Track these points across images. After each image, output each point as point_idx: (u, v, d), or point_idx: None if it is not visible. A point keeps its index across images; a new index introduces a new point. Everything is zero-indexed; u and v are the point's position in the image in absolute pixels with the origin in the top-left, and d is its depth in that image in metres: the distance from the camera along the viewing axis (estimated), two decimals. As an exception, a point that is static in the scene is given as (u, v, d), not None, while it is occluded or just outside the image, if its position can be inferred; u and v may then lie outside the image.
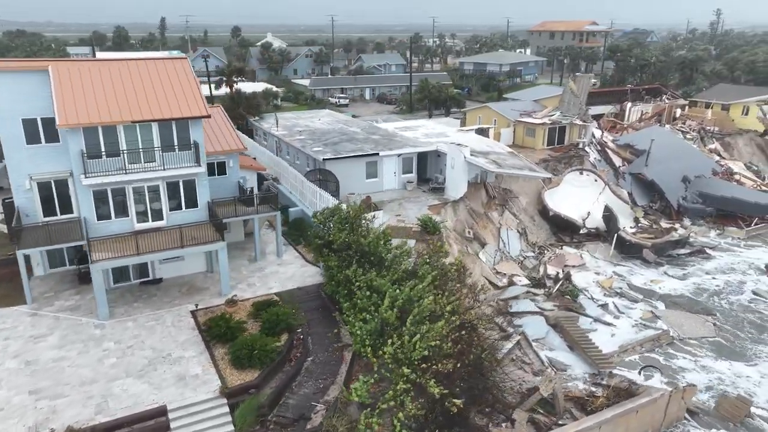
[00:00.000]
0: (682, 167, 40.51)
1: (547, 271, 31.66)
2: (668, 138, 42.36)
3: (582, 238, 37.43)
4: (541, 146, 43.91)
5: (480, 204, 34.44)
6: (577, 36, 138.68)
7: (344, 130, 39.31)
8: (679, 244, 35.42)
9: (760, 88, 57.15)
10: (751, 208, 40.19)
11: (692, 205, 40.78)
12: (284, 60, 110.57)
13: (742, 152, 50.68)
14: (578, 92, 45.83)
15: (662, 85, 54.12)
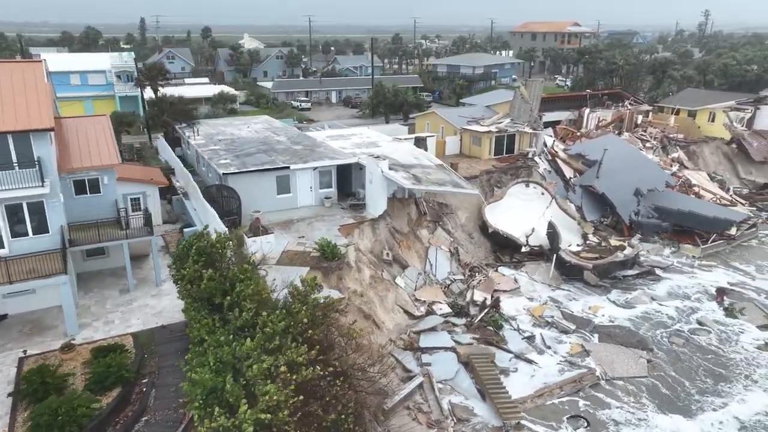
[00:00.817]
0: (634, 179, 37.80)
1: (473, 297, 28.83)
2: (622, 148, 39.68)
3: (523, 257, 34.65)
4: (487, 156, 41.12)
5: (406, 222, 31.56)
6: (559, 37, 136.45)
7: (269, 140, 36.39)
8: (626, 264, 32.66)
9: (728, 93, 54.64)
10: (710, 224, 37.52)
11: (647, 220, 38.07)
12: (253, 61, 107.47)
13: (708, 161, 48.08)
14: (529, 98, 43.11)
15: (624, 90, 51.50)
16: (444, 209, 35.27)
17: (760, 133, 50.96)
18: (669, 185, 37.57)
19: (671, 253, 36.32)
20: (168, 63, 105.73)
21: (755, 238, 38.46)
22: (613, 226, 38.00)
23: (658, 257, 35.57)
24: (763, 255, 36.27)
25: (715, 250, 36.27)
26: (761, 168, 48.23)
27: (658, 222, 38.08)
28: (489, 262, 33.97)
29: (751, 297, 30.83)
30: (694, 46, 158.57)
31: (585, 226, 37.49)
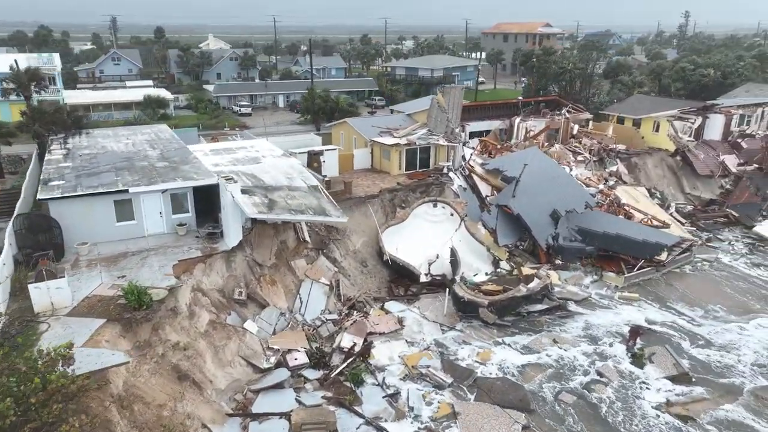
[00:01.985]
0: (553, 199, 34.13)
1: (340, 343, 24.94)
2: (544, 163, 36.03)
3: (421, 289, 30.86)
4: (397, 171, 37.33)
5: (274, 252, 27.61)
6: (530, 38, 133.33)
7: (137, 155, 32.32)
8: (531, 299, 28.93)
9: (675, 101, 51.26)
10: (638, 248, 33.91)
11: (569, 243, 34.41)
12: (204, 63, 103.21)
13: (651, 175, 44.60)
14: (447, 107, 39.39)
15: (561, 97, 47.95)
16: (333, 234, 31.40)
17: (710, 144, 47.67)
18: (588, 206, 33.94)
19: (592, 282, 32.64)
20: (113, 65, 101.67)
21: (689, 264, 34.92)
22: (530, 252, 34.30)
23: (576, 287, 31.88)
24: (695, 284, 32.69)
25: (641, 279, 32.64)
26: (708, 182, 44.85)
27: (582, 246, 34.43)
28: (380, 296, 30.13)
29: (671, 337, 27.23)
30: (672, 48, 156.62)
31: (498, 251, 33.77)
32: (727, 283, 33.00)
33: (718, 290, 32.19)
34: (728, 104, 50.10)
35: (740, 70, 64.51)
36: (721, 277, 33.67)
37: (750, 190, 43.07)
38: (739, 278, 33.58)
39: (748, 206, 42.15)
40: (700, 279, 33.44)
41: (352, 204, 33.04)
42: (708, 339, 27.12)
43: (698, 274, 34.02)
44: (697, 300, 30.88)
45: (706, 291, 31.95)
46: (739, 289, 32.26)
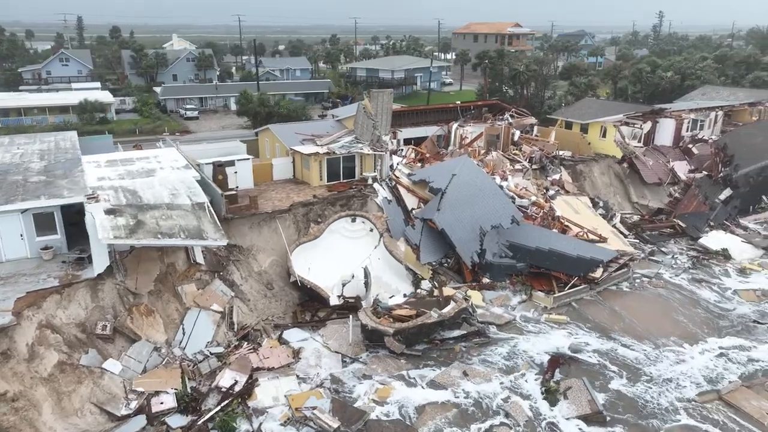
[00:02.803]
0: (479, 213, 31.78)
1: (220, 382, 22.26)
2: (473, 173, 33.69)
3: (330, 314, 28.31)
4: (318, 182, 34.71)
5: (154, 277, 24.81)
6: (499, 38, 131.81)
7: (18, 167, 29.28)
8: (445, 324, 26.50)
9: (625, 105, 49.32)
10: (572, 265, 31.70)
11: (499, 260, 32.09)
12: (158, 64, 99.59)
13: (597, 183, 42.56)
14: (375, 112, 36.91)
15: (501, 101, 45.73)
16: (234, 254, 28.70)
17: (660, 150, 45.82)
18: (515, 221, 31.65)
19: (520, 303, 30.32)
20: (62, 65, 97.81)
21: (627, 281, 32.81)
22: (456, 270, 31.93)
23: (501, 309, 29.55)
24: (630, 304, 30.53)
25: (573, 299, 30.41)
26: (656, 191, 42.93)
27: (512, 262, 32.12)
28: (282, 323, 27.50)
29: (596, 366, 24.98)
30: (644, 48, 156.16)
31: (422, 269, 31.32)
32: (665, 303, 30.88)
33: (655, 311, 30.09)
34: (679, 108, 48.36)
35: (698, 72, 63.09)
36: (659, 296, 31.56)
37: (698, 199, 41.23)
38: (678, 296, 31.50)
39: (696, 216, 40.29)
40: (636, 298, 31.30)
41: (261, 220, 30.36)
42: (638, 369, 24.87)
43: (635, 292, 31.87)
44: (631, 322, 28.68)
45: (642, 312, 29.81)
46: (678, 310, 30.15)
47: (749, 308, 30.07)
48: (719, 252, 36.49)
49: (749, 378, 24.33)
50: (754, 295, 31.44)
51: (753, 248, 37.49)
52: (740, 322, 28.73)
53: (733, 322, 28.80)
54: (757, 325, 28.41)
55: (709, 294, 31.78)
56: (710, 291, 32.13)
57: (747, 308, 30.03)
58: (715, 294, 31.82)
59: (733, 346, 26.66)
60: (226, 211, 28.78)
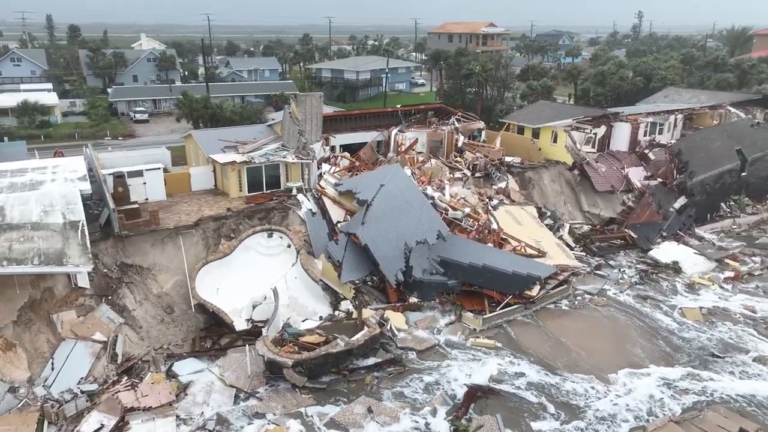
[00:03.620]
0: (404, 227, 29.53)
1: (82, 427, 19.76)
2: (403, 183, 31.45)
3: (236, 340, 25.90)
4: (237, 193, 32.24)
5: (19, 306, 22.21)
6: (473, 38, 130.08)
7: None
8: (354, 353, 24.20)
9: (580, 108, 47.39)
10: (507, 282, 29.57)
11: (429, 277, 29.86)
12: (116, 64, 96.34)
13: (547, 191, 40.51)
14: (304, 117, 34.56)
15: (445, 105, 43.55)
16: (129, 275, 26.17)
17: (616, 155, 43.93)
18: (441, 236, 29.41)
19: (447, 325, 28.10)
20: (13, 66, 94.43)
21: (567, 298, 30.73)
22: (381, 289, 29.63)
23: (426, 332, 27.31)
24: (567, 325, 28.40)
25: (505, 320, 28.27)
26: (609, 199, 40.99)
27: (443, 280, 29.92)
28: (179, 352, 25.04)
29: (518, 400, 22.81)
30: (620, 48, 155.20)
31: (344, 289, 29.03)
32: (606, 323, 28.84)
33: (594, 333, 27.99)
34: (636, 112, 46.54)
35: (663, 73, 61.45)
36: (600, 315, 29.51)
37: (652, 208, 39.35)
38: (622, 316, 29.45)
39: (648, 226, 38.39)
40: (575, 318, 29.20)
41: (165, 236, 27.83)
42: (567, 403, 22.71)
43: (575, 311, 29.74)
44: (566, 347, 26.55)
45: (580, 334, 27.70)
46: (620, 332, 28.11)
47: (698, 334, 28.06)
48: (669, 265, 34.60)
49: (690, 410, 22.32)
50: (700, 313, 29.50)
51: (705, 261, 35.63)
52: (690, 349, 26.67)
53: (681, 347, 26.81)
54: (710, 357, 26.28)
55: (656, 313, 29.82)
56: (656, 309, 30.18)
57: (695, 333, 28.01)
58: (661, 313, 29.87)
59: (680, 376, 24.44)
60: (121, 228, 26.25)
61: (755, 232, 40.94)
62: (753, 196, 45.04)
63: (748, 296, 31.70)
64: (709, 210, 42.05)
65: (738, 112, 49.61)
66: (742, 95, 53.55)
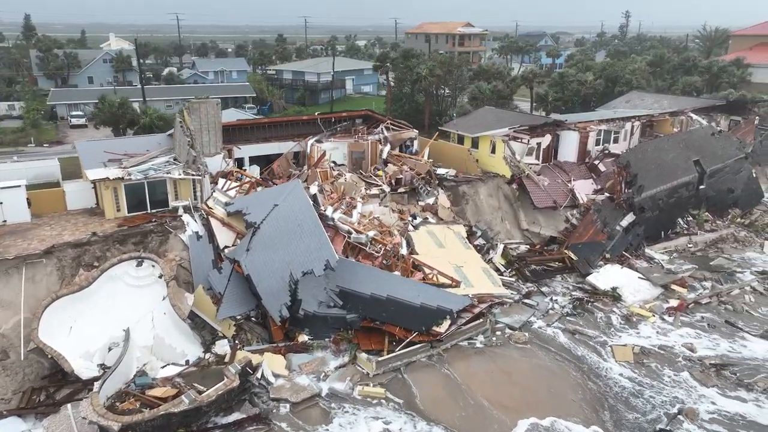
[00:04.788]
0: (292, 255, 26.00)
1: None
2: (299, 203, 27.94)
3: (77, 392, 22.35)
4: (114, 213, 28.68)
5: None
6: (450, 39, 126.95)
7: None
8: (204, 411, 20.70)
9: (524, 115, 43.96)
10: (414, 316, 26.13)
11: (326, 311, 26.41)
12: (69, 65, 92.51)
13: (483, 206, 37.08)
14: (196, 127, 31.04)
15: (372, 112, 40.13)
16: (-44, 314, 22.57)
17: (563, 167, 40.60)
18: (328, 266, 25.90)
19: (338, 368, 24.60)
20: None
21: (483, 334, 27.25)
22: (266, 325, 26.15)
23: (310, 378, 23.77)
24: (477, 368, 24.91)
25: (403, 362, 24.81)
26: (552, 215, 37.58)
27: (341, 314, 26.44)
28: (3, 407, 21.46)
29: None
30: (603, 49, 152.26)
31: (223, 325, 25.54)
32: (522, 365, 25.39)
33: (505, 377, 24.54)
34: (587, 119, 43.23)
35: (628, 77, 58.22)
36: (517, 355, 26.08)
37: (596, 226, 36.01)
38: (542, 355, 26.07)
39: (591, 247, 35.03)
40: (487, 358, 25.71)
41: (10, 267, 24.28)
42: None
43: (488, 350, 26.28)
44: (466, 395, 23.15)
45: (488, 379, 24.29)
46: (535, 375, 24.71)
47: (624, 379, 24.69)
48: (608, 292, 31.26)
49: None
50: (631, 353, 26.12)
51: (650, 286, 32.32)
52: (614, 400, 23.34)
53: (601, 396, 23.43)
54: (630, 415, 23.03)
55: (583, 352, 26.45)
56: (584, 347, 26.81)
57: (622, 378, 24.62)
58: (589, 351, 26.49)
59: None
60: (-52, 259, 22.70)
61: (711, 252, 37.70)
62: (714, 210, 41.87)
63: (690, 330, 28.38)
64: (663, 227, 38.78)
65: (700, 119, 46.38)
66: (706, 101, 50.32)
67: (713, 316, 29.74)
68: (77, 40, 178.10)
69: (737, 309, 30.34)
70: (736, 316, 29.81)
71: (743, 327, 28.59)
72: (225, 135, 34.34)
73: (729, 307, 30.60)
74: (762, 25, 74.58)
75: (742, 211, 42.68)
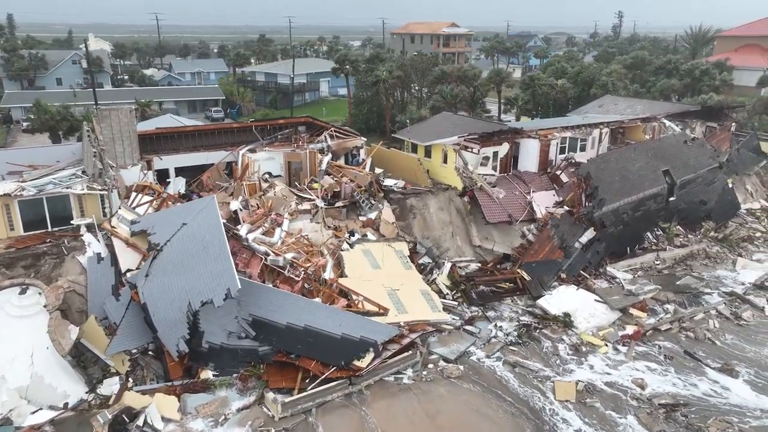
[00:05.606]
0: (192, 282, 23.40)
1: None
2: (209, 223, 25.38)
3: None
4: (6, 233, 26.10)
5: None
6: (435, 39, 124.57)
7: None
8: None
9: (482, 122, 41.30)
10: (334, 349, 23.58)
11: (236, 342, 23.84)
12: (35, 67, 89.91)
13: (432, 221, 34.55)
14: (106, 137, 28.50)
15: (314, 119, 37.57)
16: None
17: (523, 178, 38.11)
18: (229, 296, 23.37)
19: (241, 410, 22.03)
20: None
21: (413, 368, 24.71)
22: (166, 359, 23.59)
23: (206, 424, 21.24)
24: (402, 411, 22.35)
25: (316, 403, 22.27)
26: (507, 231, 35.04)
27: (253, 346, 23.90)
28: None
29: None
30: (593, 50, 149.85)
31: (116, 360, 22.99)
32: (450, 405, 22.85)
33: (430, 420, 21.99)
34: (551, 125, 40.75)
35: (604, 79, 55.76)
36: (446, 393, 23.54)
37: (553, 243, 33.50)
38: (476, 392, 23.54)
39: (546, 265, 32.51)
40: (412, 398, 23.14)
41: None
42: None
43: (416, 386, 23.74)
44: (381, 442, 20.68)
45: (408, 424, 21.79)
46: (468, 417, 22.17)
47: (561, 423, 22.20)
48: (559, 318, 28.74)
49: None
50: (573, 390, 23.57)
51: (607, 310, 29.81)
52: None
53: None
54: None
55: (522, 388, 23.90)
56: (523, 383, 24.27)
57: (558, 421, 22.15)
58: (529, 388, 23.94)
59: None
60: None
61: (679, 270, 35.21)
62: (686, 224, 39.40)
63: (643, 362, 25.85)
64: (629, 242, 36.26)
65: (673, 125, 43.92)
66: (681, 106, 47.82)
67: (672, 345, 27.24)
68: (64, 39, 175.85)
69: (699, 337, 27.83)
70: (697, 345, 27.31)
71: (703, 359, 26.11)
72: (149, 144, 31.90)
73: (690, 334, 28.13)
74: (747, 26, 72.23)
75: (716, 224, 40.19)
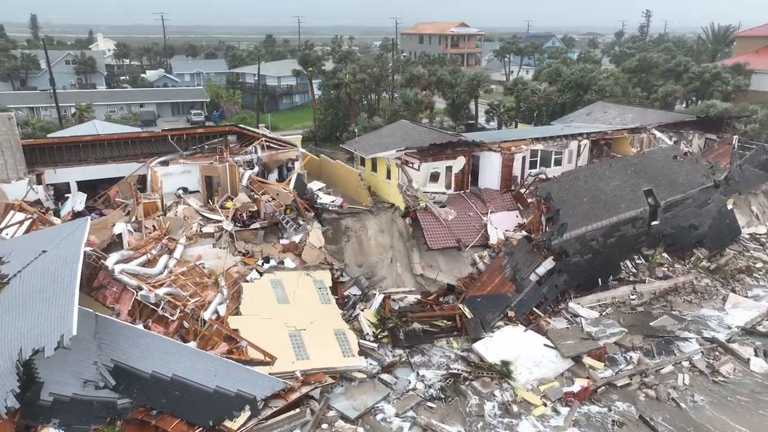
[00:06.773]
0: (29, 325, 20.01)
1: None
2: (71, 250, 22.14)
3: None
4: None
5: None
6: (443, 40, 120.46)
7: None
8: None
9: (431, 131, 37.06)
10: (204, 404, 20.09)
11: (92, 393, 20.46)
12: (26, 67, 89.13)
13: (369, 245, 30.70)
14: (-19, 147, 25.56)
15: (241, 128, 33.91)
16: None
17: (482, 196, 33.97)
18: (60, 345, 19.99)
19: (78, 481, 18.74)
20: None
21: (300, 429, 20.96)
22: (5, 413, 20.37)
23: (26, 498, 17.94)
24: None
25: (165, 476, 18.76)
26: (456, 258, 30.99)
27: (112, 398, 20.50)
28: None
29: None
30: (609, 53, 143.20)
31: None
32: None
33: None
34: (521, 136, 36.42)
35: (602, 83, 50.99)
36: (334, 463, 19.80)
37: (504, 273, 29.30)
38: (369, 462, 19.78)
39: (493, 300, 28.32)
40: (288, 468, 19.52)
41: None
42: None
43: (297, 454, 20.11)
44: None
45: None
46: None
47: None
48: (496, 366, 24.60)
49: None
50: (486, 468, 19.56)
51: (557, 358, 25.53)
52: None
53: None
54: None
55: (428, 456, 20.01)
56: (431, 451, 20.35)
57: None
58: (437, 457, 20.04)
59: None
60: None
61: (657, 307, 30.59)
62: (674, 251, 34.67)
63: (585, 431, 21.58)
64: (601, 273, 31.70)
65: (665, 137, 39.06)
66: (676, 115, 42.76)
67: (627, 407, 22.86)
68: (85, 40, 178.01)
69: (661, 397, 23.35)
70: (657, 407, 22.87)
71: (659, 428, 21.68)
72: (47, 156, 28.93)
73: (651, 392, 23.67)
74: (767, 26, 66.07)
75: (710, 251, 35.31)
